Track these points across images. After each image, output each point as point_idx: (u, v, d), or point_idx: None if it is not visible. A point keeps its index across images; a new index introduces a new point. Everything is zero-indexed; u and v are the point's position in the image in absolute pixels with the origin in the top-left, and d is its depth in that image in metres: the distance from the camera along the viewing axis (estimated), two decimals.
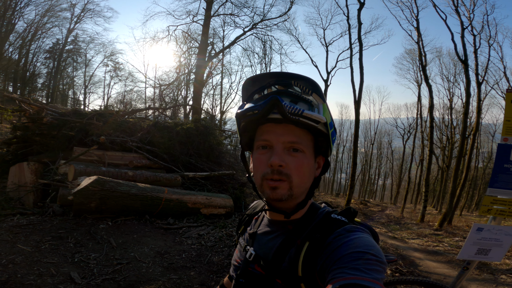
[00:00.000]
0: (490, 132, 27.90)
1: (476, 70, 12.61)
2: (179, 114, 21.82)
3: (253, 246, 0.81)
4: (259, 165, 0.73)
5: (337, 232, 0.66)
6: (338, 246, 0.62)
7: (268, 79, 0.73)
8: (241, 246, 0.86)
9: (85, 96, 29.44)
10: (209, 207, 5.44)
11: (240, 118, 0.75)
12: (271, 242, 0.77)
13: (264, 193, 0.73)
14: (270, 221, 0.82)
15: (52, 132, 6.30)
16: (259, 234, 0.82)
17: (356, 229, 0.67)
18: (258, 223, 0.87)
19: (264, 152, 0.73)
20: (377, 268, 0.56)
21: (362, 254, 0.58)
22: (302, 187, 0.73)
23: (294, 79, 0.71)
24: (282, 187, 0.70)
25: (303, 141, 0.71)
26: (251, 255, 0.78)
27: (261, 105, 0.68)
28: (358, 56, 14.00)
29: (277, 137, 0.70)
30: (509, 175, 2.06)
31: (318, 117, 0.68)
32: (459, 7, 12.41)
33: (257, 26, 16.34)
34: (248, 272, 0.77)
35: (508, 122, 2.08)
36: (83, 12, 23.72)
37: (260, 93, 0.74)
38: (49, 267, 2.87)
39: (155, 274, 3.12)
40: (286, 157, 0.70)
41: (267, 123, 0.72)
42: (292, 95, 0.70)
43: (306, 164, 0.72)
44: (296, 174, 0.70)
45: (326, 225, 0.70)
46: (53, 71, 25.42)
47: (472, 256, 2.20)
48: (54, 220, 4.05)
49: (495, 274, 4.73)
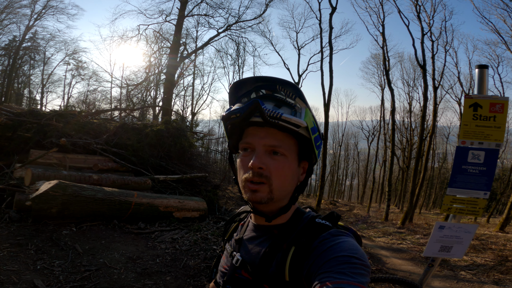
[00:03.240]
0: (445, 134, 30.27)
1: (433, 75, 13.57)
2: (148, 116, 21.08)
3: (240, 252, 0.80)
4: (241, 166, 0.74)
5: (322, 237, 0.67)
6: (324, 251, 0.63)
7: (255, 83, 0.75)
8: (227, 252, 0.85)
9: (43, 95, 27.36)
10: (182, 211, 5.30)
11: (225, 121, 0.76)
12: (257, 247, 0.77)
13: (245, 195, 0.73)
14: (256, 226, 0.82)
15: (7, 133, 5.86)
16: (245, 240, 0.82)
17: (340, 233, 0.68)
18: (244, 228, 0.86)
19: (247, 154, 0.73)
20: (362, 271, 0.57)
21: (348, 258, 0.59)
22: (283, 190, 0.73)
23: (279, 84, 0.72)
24: (262, 190, 0.70)
25: (285, 145, 0.71)
26: (238, 260, 0.77)
27: (243, 108, 0.70)
28: (328, 59, 14.57)
29: (259, 140, 0.71)
30: (467, 176, 2.19)
31: (297, 121, 0.68)
32: (421, 13, 13.34)
33: (232, 27, 16.36)
34: (235, 278, 0.76)
35: (465, 126, 2.21)
36: (44, 9, 21.93)
37: (249, 96, 0.75)
38: (10, 274, 2.65)
39: (128, 280, 2.98)
40: (267, 159, 0.70)
41: (251, 126, 0.73)
42: (276, 99, 0.72)
43: (287, 168, 0.72)
44: (276, 177, 0.70)
45: (311, 230, 0.70)
46: (7, 69, 23.27)
47: (436, 253, 2.32)
48: (11, 227, 3.72)
49: (455, 271, 5.07)
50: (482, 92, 2.18)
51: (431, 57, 13.52)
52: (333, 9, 14.70)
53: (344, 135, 37.84)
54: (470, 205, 2.16)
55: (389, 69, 15.98)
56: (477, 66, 2.28)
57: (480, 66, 2.26)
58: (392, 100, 14.87)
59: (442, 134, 30.25)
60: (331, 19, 14.77)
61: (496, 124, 2.04)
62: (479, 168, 2.09)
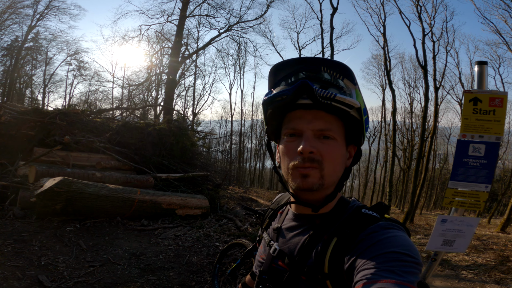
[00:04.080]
0: (446, 135, 30.26)
1: (434, 76, 13.52)
2: (149, 116, 21.13)
3: (278, 242, 0.77)
4: (287, 153, 0.68)
5: (370, 229, 0.61)
6: (372, 244, 0.57)
7: (296, 65, 0.69)
8: (265, 242, 0.81)
9: (44, 95, 27.47)
10: (185, 208, 5.33)
11: (267, 105, 0.70)
12: (297, 237, 0.73)
13: (293, 182, 0.67)
14: (296, 215, 0.77)
15: (10, 131, 5.85)
16: (283, 229, 0.78)
17: (391, 226, 0.62)
18: (282, 217, 0.82)
19: (293, 139, 0.68)
20: (413, 270, 0.52)
21: (398, 255, 0.53)
22: (333, 176, 0.68)
23: (323, 65, 0.67)
24: (313, 175, 0.65)
25: (335, 128, 0.67)
26: (275, 250, 0.74)
27: (290, 89, 0.64)
28: None
29: (307, 123, 0.66)
30: (468, 169, 2.21)
31: (352, 102, 0.63)
32: (422, 13, 13.35)
33: (233, 28, 16.39)
34: (272, 268, 0.74)
35: (466, 120, 2.24)
36: (47, 9, 22.05)
37: (287, 80, 0.70)
38: (14, 270, 2.68)
39: (132, 276, 3.01)
40: (317, 143, 0.65)
41: (296, 109, 0.68)
42: (321, 80, 0.66)
43: (338, 152, 0.68)
44: (328, 161, 0.66)
45: (357, 221, 0.65)
46: (10, 69, 23.37)
47: (439, 247, 2.31)
48: (15, 223, 3.75)
49: (456, 270, 5.04)
50: (481, 87, 2.21)
51: (432, 58, 13.53)
52: (334, 9, 14.71)
53: None
54: (472, 198, 2.18)
55: (390, 69, 16.04)
56: (477, 62, 2.32)
57: (480, 62, 2.29)
58: (393, 101, 14.89)
59: (443, 135, 30.26)
60: (332, 20, 14.79)
61: (496, 117, 2.07)
62: (480, 161, 2.11)
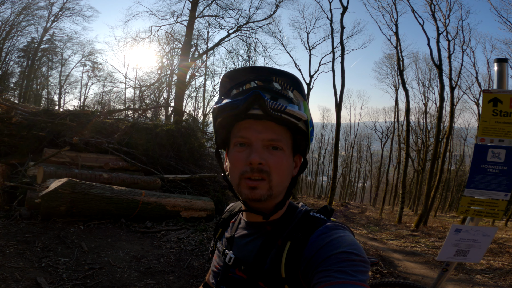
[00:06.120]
0: (462, 136, 29.33)
1: (450, 75, 13.11)
2: (161, 116, 21.37)
3: (232, 250, 0.77)
4: (236, 163, 0.69)
5: (319, 231, 0.64)
6: (322, 246, 0.60)
7: (247, 74, 0.70)
8: (219, 251, 0.82)
9: (60, 96, 28.17)
10: (189, 210, 5.28)
11: (217, 114, 0.71)
12: (250, 244, 0.74)
13: (242, 193, 0.68)
14: (248, 223, 0.78)
15: (22, 132, 6.01)
16: (236, 238, 0.79)
17: (337, 227, 0.65)
18: (235, 226, 0.83)
19: (242, 149, 0.69)
20: (362, 268, 0.56)
21: (347, 255, 0.57)
22: (280, 186, 0.69)
23: (275, 75, 0.68)
24: (261, 187, 0.66)
25: (283, 138, 0.69)
26: (231, 259, 0.74)
27: (242, 100, 0.65)
28: (340, 60, 14.30)
29: (257, 134, 0.67)
30: (486, 176, 2.03)
31: (300, 114, 0.65)
32: (436, 12, 12.92)
33: (242, 28, 16.32)
34: (229, 278, 0.73)
35: (484, 123, 2.07)
36: (61, 11, 22.62)
37: (238, 89, 0.70)
38: (14, 271, 2.68)
39: (130, 279, 2.97)
40: (266, 155, 0.67)
41: (246, 119, 0.68)
42: (272, 91, 0.67)
43: (285, 163, 0.69)
44: (276, 173, 0.67)
45: (306, 224, 0.68)
46: (26, 70, 24.09)
47: (451, 258, 2.17)
48: (20, 224, 3.79)
49: (470, 274, 4.87)
50: (502, 86, 2.03)
51: (448, 57, 13.07)
52: (344, 9, 14.43)
53: (357, 136, 37.20)
54: (489, 207, 2.01)
55: (403, 69, 15.58)
56: (496, 60, 2.14)
57: (500, 60, 2.11)
58: (407, 101, 14.45)
59: (459, 136, 29.33)
60: (342, 19, 14.49)
61: None
62: (499, 168, 1.93)
